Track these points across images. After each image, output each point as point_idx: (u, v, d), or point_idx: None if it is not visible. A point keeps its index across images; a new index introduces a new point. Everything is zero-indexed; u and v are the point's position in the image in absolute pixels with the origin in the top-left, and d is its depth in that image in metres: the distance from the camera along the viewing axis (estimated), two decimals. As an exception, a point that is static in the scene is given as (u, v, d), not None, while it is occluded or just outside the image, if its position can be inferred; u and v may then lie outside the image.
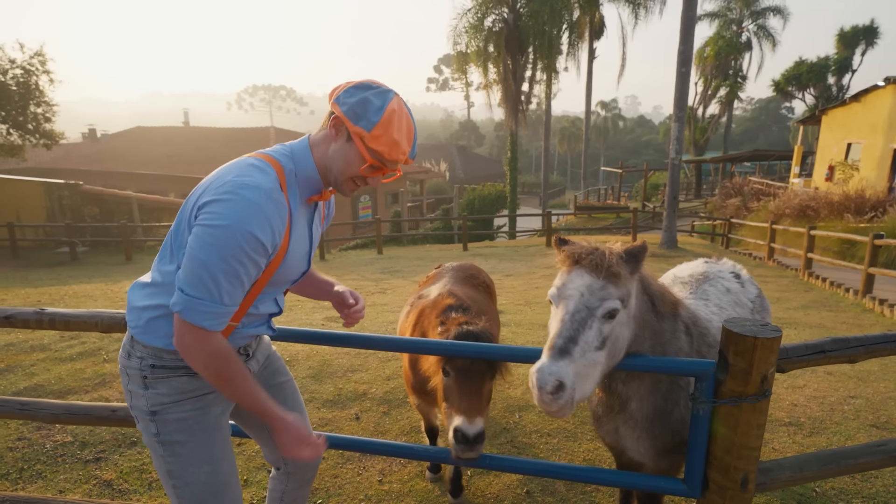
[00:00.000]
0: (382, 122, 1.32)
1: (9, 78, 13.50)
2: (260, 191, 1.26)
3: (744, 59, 33.26)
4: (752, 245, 14.58)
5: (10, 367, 4.19)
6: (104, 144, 30.88)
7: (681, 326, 1.80)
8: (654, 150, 63.22)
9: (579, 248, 1.58)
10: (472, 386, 1.82)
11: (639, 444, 1.84)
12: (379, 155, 1.35)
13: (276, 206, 1.29)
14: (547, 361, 1.39)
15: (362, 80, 1.40)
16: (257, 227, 1.24)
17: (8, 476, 2.79)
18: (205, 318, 1.24)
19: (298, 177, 1.41)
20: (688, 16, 12.56)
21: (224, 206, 1.23)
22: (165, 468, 1.42)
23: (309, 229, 1.50)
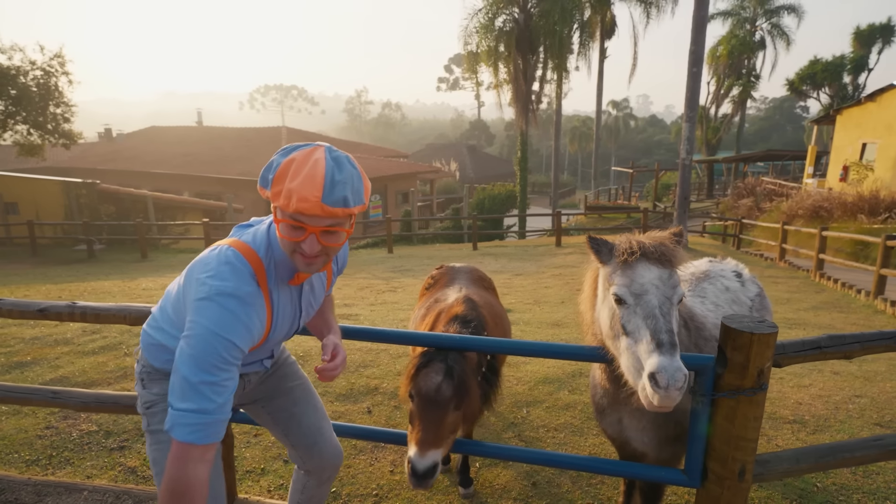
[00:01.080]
0: (276, 176, 1.24)
1: (29, 79, 13.82)
2: (235, 299, 1.25)
3: (757, 58, 32.96)
4: (763, 246, 14.49)
5: (37, 359, 4.35)
6: (120, 144, 31.36)
7: (680, 320, 1.87)
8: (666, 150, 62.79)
9: (636, 241, 1.60)
10: (431, 415, 1.74)
11: (643, 434, 1.91)
12: (284, 212, 1.26)
13: (254, 310, 1.29)
14: (666, 359, 1.39)
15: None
16: (236, 336, 1.24)
17: (38, 462, 2.93)
18: (193, 432, 1.20)
19: (276, 261, 1.38)
20: (699, 15, 12.51)
21: (202, 315, 1.23)
22: (151, 456, 1.51)
23: (298, 304, 1.51)
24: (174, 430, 1.20)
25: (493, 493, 2.64)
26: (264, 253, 1.37)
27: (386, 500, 2.59)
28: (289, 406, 1.80)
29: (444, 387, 1.77)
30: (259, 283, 1.33)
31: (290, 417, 1.80)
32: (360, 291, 8.66)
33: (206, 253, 1.38)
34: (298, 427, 1.80)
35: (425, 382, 1.79)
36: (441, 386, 1.77)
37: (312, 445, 1.81)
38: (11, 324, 5.30)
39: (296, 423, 1.80)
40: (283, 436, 1.82)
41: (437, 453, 1.71)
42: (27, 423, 3.32)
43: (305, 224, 1.26)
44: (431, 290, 2.84)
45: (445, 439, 1.76)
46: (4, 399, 2.55)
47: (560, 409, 3.48)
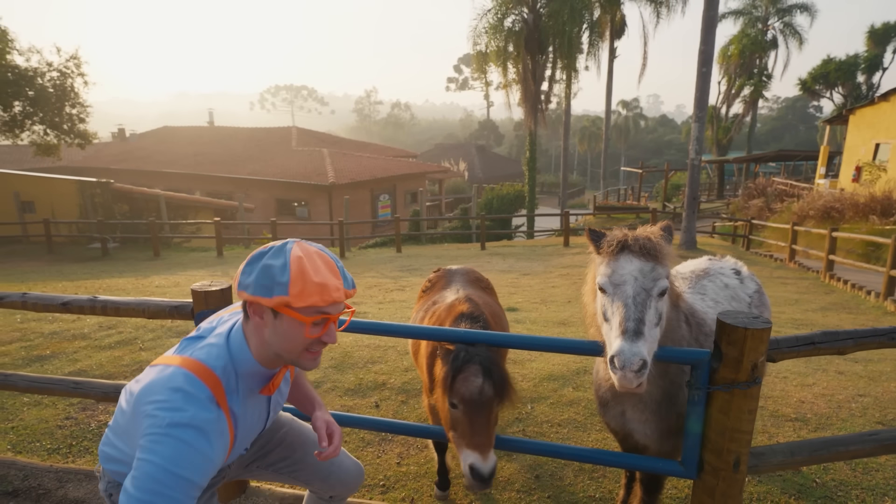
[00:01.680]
0: (294, 276, 1.18)
1: (46, 80, 14.09)
2: (193, 429, 1.14)
3: (769, 57, 32.67)
4: (773, 247, 14.40)
5: (55, 353, 4.49)
6: (133, 144, 31.79)
7: (682, 316, 1.93)
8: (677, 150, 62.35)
9: (622, 234, 1.68)
10: (482, 418, 1.76)
11: (646, 426, 1.96)
12: (315, 308, 1.21)
13: (215, 437, 1.18)
14: (626, 343, 1.49)
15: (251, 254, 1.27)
16: (195, 473, 1.14)
17: (59, 450, 3.04)
18: None
19: (240, 375, 1.28)
20: (709, 15, 12.47)
21: (153, 453, 1.12)
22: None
23: (266, 408, 1.44)
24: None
25: (497, 485, 2.71)
26: (223, 369, 1.25)
27: (393, 491, 2.67)
28: (287, 455, 1.70)
29: (486, 387, 1.77)
30: (219, 404, 1.21)
31: (294, 464, 1.70)
32: (368, 290, 8.75)
33: (153, 376, 1.22)
34: (305, 469, 1.71)
35: (467, 388, 1.77)
36: (483, 387, 1.77)
37: (328, 477, 1.73)
38: (31, 318, 5.46)
39: (301, 467, 1.71)
40: (294, 480, 1.73)
41: (493, 455, 1.75)
42: (48, 413, 3.44)
43: (330, 315, 1.23)
44: (429, 293, 2.84)
45: (494, 435, 1.82)
46: (29, 388, 2.66)
47: (564, 405, 3.54)
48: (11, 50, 13.21)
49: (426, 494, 2.63)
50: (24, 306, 2.54)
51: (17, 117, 13.93)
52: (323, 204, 22.45)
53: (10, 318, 5.52)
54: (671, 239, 1.67)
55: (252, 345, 1.29)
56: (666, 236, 1.66)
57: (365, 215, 23.85)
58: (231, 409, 1.25)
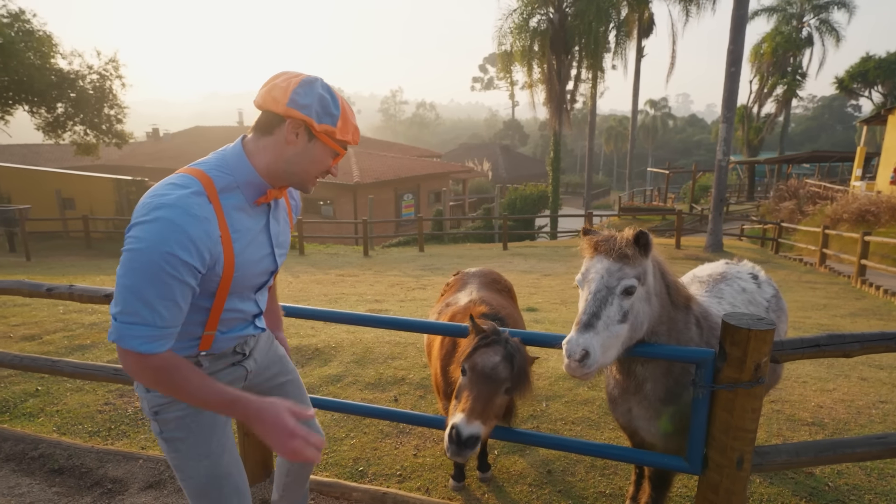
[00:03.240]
0: (343, 113, 1.35)
1: (87, 83, 14.72)
2: (176, 209, 1.20)
3: (804, 55, 31.73)
4: (804, 250, 14.05)
5: (95, 343, 4.75)
6: (166, 143, 32.82)
7: (692, 319, 1.98)
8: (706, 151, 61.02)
9: (598, 236, 1.80)
10: (483, 389, 1.77)
11: (650, 423, 2.03)
12: (344, 143, 1.40)
13: (196, 221, 1.22)
14: (574, 334, 1.61)
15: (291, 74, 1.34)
16: (177, 247, 1.18)
17: (99, 433, 3.25)
18: (139, 342, 1.20)
19: (237, 181, 1.35)
20: (738, 14, 12.25)
21: (141, 230, 1.18)
22: (172, 463, 1.47)
23: (267, 231, 1.46)
24: (120, 340, 1.20)
25: (510, 479, 2.80)
26: (216, 170, 1.33)
27: (409, 480, 2.78)
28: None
29: (502, 368, 1.81)
30: (210, 199, 1.27)
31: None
32: (390, 288, 8.91)
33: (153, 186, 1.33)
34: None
35: (483, 359, 1.83)
36: (499, 366, 1.81)
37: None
38: (73, 310, 5.77)
39: None
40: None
41: (480, 426, 1.70)
42: (88, 399, 3.67)
43: (343, 151, 1.43)
44: (445, 295, 2.92)
45: (490, 418, 1.77)
46: (74, 374, 2.87)
47: (579, 403, 3.60)
48: (55, 54, 13.86)
49: (441, 485, 2.74)
50: (70, 297, 2.74)
51: (59, 118, 14.59)
52: (348, 203, 22.78)
53: (53, 309, 5.85)
54: (647, 243, 1.71)
55: (259, 158, 1.35)
56: (636, 240, 1.70)
57: (389, 214, 24.12)
58: (223, 206, 1.30)
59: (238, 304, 1.47)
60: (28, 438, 3.09)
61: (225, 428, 1.53)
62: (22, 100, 13.84)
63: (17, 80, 12.92)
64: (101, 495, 2.66)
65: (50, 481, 2.78)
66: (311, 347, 4.57)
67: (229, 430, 1.56)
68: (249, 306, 1.52)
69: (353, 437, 3.18)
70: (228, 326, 1.48)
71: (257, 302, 1.56)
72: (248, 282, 1.44)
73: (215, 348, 1.49)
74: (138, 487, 2.70)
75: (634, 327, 1.72)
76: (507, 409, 2.25)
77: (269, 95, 1.31)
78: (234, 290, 1.41)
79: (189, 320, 1.35)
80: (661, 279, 1.86)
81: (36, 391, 3.78)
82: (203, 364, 1.47)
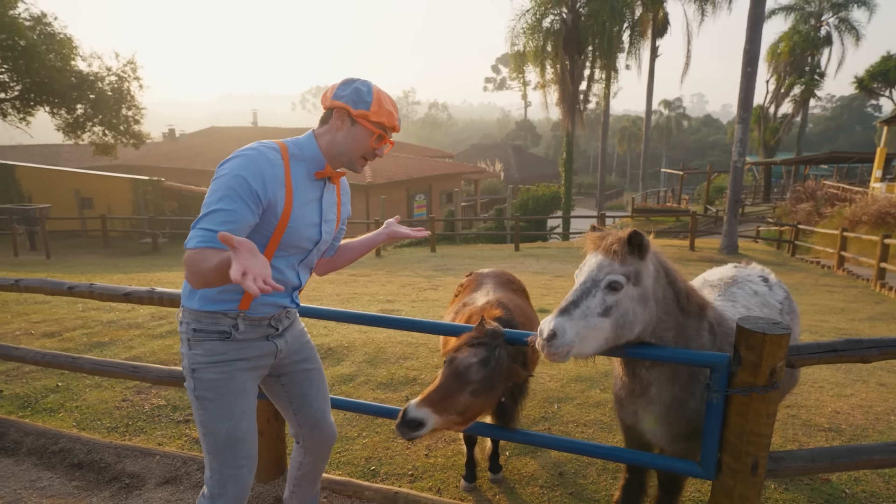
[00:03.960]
0: (375, 100, 1.66)
1: (105, 84, 14.98)
2: (254, 150, 1.57)
3: (822, 54, 31.21)
4: (822, 253, 13.82)
5: (113, 340, 4.84)
6: (181, 143, 33.26)
7: (705, 325, 1.96)
8: (721, 151, 60.32)
9: (596, 234, 1.85)
10: (449, 383, 1.83)
11: (656, 427, 2.03)
12: (382, 125, 1.68)
13: (268, 162, 1.56)
14: (550, 317, 1.68)
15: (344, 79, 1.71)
16: (248, 174, 1.51)
17: (117, 429, 3.32)
18: (197, 240, 1.43)
19: (304, 154, 1.68)
20: (755, 13, 12.10)
21: (226, 163, 1.54)
22: (197, 418, 1.70)
23: (319, 204, 1.74)
24: (188, 242, 1.44)
25: (521, 480, 2.80)
26: (291, 144, 1.68)
27: (420, 480, 2.80)
28: (304, 387, 1.96)
29: (474, 370, 1.85)
30: (283, 157, 1.62)
31: (304, 398, 1.96)
32: (402, 289, 8.94)
33: None
34: (308, 408, 1.97)
35: (460, 356, 1.89)
36: (472, 367, 1.85)
37: (315, 426, 2.00)
38: (92, 308, 5.88)
39: (307, 403, 1.97)
40: (293, 414, 1.99)
41: (431, 415, 1.76)
42: (107, 395, 3.74)
43: (388, 136, 1.73)
44: (460, 296, 2.93)
45: (448, 413, 1.80)
46: (93, 371, 2.93)
47: (591, 406, 3.58)
48: (75, 56, 14.13)
49: (452, 485, 2.75)
50: (91, 295, 2.80)
51: (79, 119, 14.87)
52: (360, 203, 22.90)
53: (73, 307, 5.97)
54: (641, 244, 1.71)
55: (321, 142, 1.71)
56: (629, 239, 1.71)
57: (400, 215, 23.87)
58: (290, 167, 1.64)
59: (283, 265, 1.70)
60: (49, 433, 3.17)
61: (250, 397, 1.74)
62: (43, 101, 14.13)
63: (38, 82, 13.20)
64: (119, 490, 2.71)
65: (70, 475, 2.84)
66: (324, 347, 4.61)
67: (254, 401, 1.76)
68: (291, 275, 1.75)
69: (366, 437, 3.21)
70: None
71: (299, 275, 1.78)
72: (296, 239, 1.68)
73: (253, 311, 1.68)
74: (155, 483, 2.75)
75: (621, 326, 1.71)
76: (504, 414, 2.25)
77: (324, 96, 1.71)
78: (283, 244, 1.66)
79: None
80: (666, 285, 1.84)
81: (56, 387, 3.86)
82: (240, 327, 1.68)
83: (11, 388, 3.85)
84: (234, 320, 1.66)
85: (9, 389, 3.82)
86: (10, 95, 14.05)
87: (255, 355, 1.74)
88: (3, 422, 3.29)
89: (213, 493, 1.74)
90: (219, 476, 1.72)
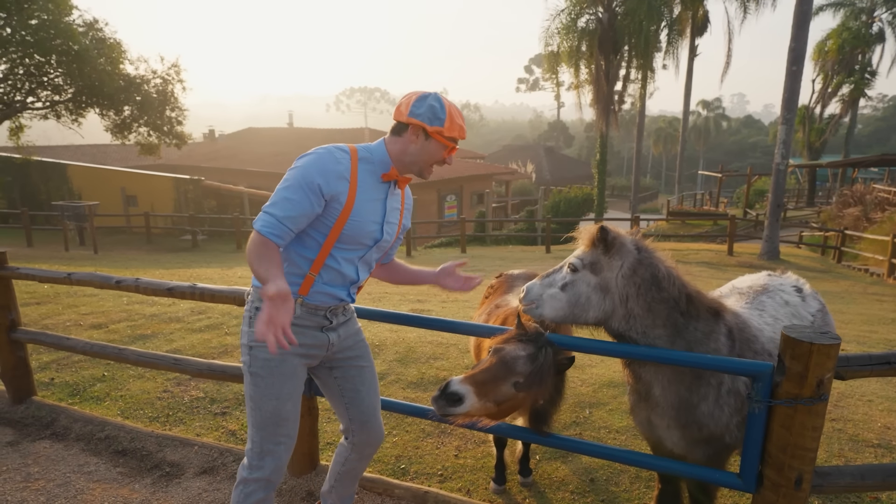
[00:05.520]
0: (448, 116, 1.76)
1: (151, 87, 15.59)
2: (324, 149, 1.73)
3: (873, 52, 29.74)
4: (870, 260, 13.18)
5: (155, 333, 5.03)
6: (220, 144, 34.27)
7: (721, 329, 1.89)
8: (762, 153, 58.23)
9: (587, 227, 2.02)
10: (495, 368, 1.80)
11: (669, 432, 1.98)
12: (453, 139, 1.80)
13: (333, 160, 1.70)
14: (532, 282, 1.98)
15: (414, 93, 1.81)
16: (314, 169, 1.67)
17: (158, 419, 3.44)
18: (261, 224, 1.63)
19: (374, 160, 1.80)
20: (801, 10, 11.64)
21: (300, 159, 1.72)
22: (247, 392, 1.83)
23: (383, 204, 1.84)
24: (256, 223, 1.65)
25: (552, 485, 2.77)
26: (361, 149, 1.81)
27: (450, 481, 2.81)
28: (357, 383, 2.03)
29: (521, 362, 1.82)
30: (351, 158, 1.75)
31: (356, 393, 2.03)
32: (432, 288, 8.95)
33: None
34: (360, 404, 2.04)
35: (510, 347, 1.87)
36: (519, 359, 1.83)
37: (365, 423, 2.06)
38: (135, 301, 6.12)
39: (359, 399, 2.04)
40: (345, 408, 2.05)
41: (472, 395, 1.72)
42: (149, 386, 3.89)
43: (454, 146, 1.83)
44: (491, 297, 2.91)
45: (487, 396, 1.76)
46: (137, 362, 3.06)
47: (623, 412, 3.52)
48: (124, 60, 14.76)
49: (482, 487, 2.75)
50: (136, 289, 2.92)
51: (126, 120, 15.52)
52: (391, 203, 23.09)
53: (118, 300, 6.23)
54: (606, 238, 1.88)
55: (392, 149, 1.82)
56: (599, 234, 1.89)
57: (431, 215, 24.28)
58: (358, 169, 1.77)
59: (343, 256, 1.80)
60: (96, 420, 3.31)
61: (298, 381, 1.85)
62: (93, 103, 14.81)
63: (89, 85, 13.84)
64: (160, 478, 2.81)
65: (114, 461, 2.97)
66: (356, 345, 4.66)
67: (300, 386, 1.87)
68: (350, 269, 1.83)
69: (396, 435, 3.24)
70: (328, 279, 1.80)
71: (358, 270, 1.86)
72: (358, 234, 1.78)
73: (311, 297, 1.80)
74: (193, 472, 2.85)
75: (573, 304, 1.88)
76: (538, 416, 2.23)
77: (398, 109, 1.80)
78: (344, 236, 1.76)
79: (301, 252, 1.77)
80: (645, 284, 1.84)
81: (102, 376, 4.04)
82: (297, 312, 1.79)
83: (62, 376, 4.05)
84: (295, 304, 1.75)
85: (59, 377, 4.02)
86: (63, 98, 14.78)
87: (309, 343, 1.84)
88: (55, 408, 3.46)
89: (251, 465, 1.84)
90: (259, 450, 1.82)
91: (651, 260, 1.88)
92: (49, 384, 3.91)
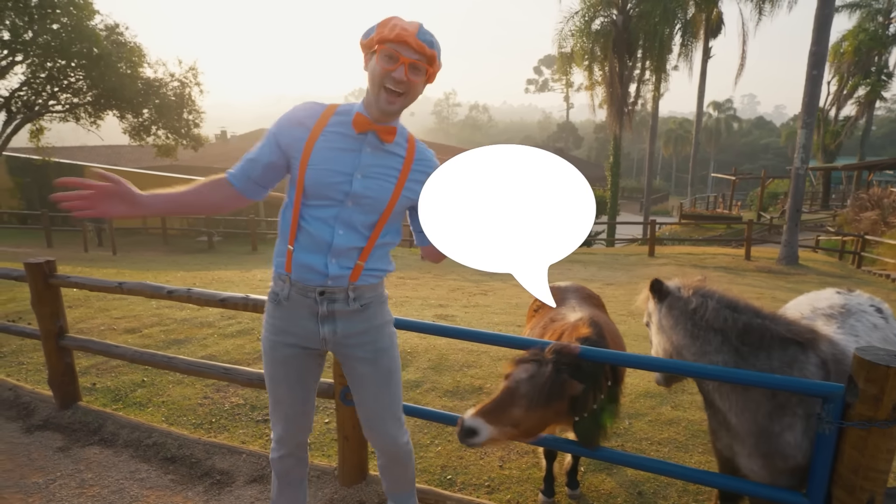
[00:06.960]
0: (378, 25, 1.62)
1: (168, 90, 15.75)
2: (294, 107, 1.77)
3: (890, 53, 29.45)
4: (890, 265, 13.05)
5: (188, 338, 5.09)
6: (232, 144, 34.55)
7: (811, 359, 1.85)
8: (774, 155, 57.83)
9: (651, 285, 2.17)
10: (500, 394, 1.90)
11: (751, 461, 1.95)
12: (386, 40, 1.57)
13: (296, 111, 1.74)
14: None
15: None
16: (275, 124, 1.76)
17: (202, 426, 3.49)
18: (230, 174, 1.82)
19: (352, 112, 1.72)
20: (823, 14, 11.55)
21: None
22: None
23: (356, 156, 1.70)
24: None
25: (600, 498, 2.78)
26: (345, 105, 1.78)
27: (497, 492, 2.82)
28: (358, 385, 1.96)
29: (523, 384, 1.92)
30: (324, 112, 1.73)
31: (359, 396, 1.98)
32: (451, 293, 9.00)
33: None
34: (361, 407, 2.00)
35: (514, 371, 1.98)
36: (521, 383, 1.92)
37: (371, 428, 2.02)
38: (165, 305, 6.19)
39: (362, 402, 1.98)
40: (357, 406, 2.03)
41: (485, 426, 1.82)
42: (189, 391, 3.93)
43: (400, 54, 1.58)
44: (542, 311, 2.93)
45: (501, 423, 1.85)
46: (188, 371, 3.11)
47: (663, 423, 3.52)
48: (143, 64, 14.93)
49: (530, 499, 2.76)
50: (188, 299, 2.97)
51: (144, 123, 15.69)
52: (403, 205, 23.16)
53: (147, 304, 6.30)
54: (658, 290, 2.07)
55: (365, 99, 1.72)
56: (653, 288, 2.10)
57: (443, 217, 24.27)
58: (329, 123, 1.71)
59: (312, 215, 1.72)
60: (142, 427, 3.36)
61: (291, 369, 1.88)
62: (113, 106, 14.99)
63: (109, 88, 14.01)
64: (212, 486, 2.85)
65: (165, 468, 3.01)
66: (388, 352, 4.69)
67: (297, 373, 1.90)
68: (322, 229, 1.72)
69: (439, 445, 3.26)
70: (303, 244, 1.73)
71: (334, 232, 1.72)
72: (320, 185, 1.69)
73: (295, 273, 1.75)
74: (244, 481, 2.88)
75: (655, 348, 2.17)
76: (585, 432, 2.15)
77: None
78: (308, 189, 1.70)
79: (285, 226, 1.78)
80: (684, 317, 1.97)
81: (142, 382, 4.10)
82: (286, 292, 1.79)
83: (103, 381, 4.11)
84: (284, 283, 1.78)
85: (101, 383, 4.08)
86: (83, 100, 14.97)
87: (299, 332, 1.81)
88: (101, 414, 3.51)
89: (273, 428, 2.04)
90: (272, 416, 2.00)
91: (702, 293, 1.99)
92: (91, 389, 3.97)
